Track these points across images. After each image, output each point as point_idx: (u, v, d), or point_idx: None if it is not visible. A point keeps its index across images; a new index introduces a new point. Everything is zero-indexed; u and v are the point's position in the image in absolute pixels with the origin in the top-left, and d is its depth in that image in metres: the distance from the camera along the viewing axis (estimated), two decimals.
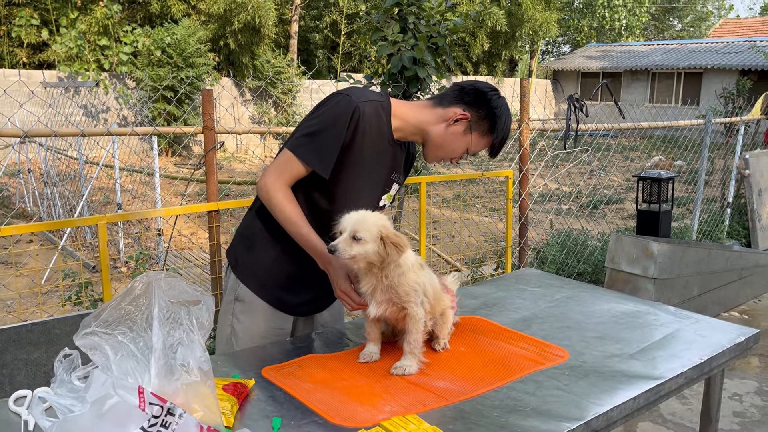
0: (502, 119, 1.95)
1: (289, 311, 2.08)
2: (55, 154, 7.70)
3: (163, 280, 1.40)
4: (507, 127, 1.98)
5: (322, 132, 1.86)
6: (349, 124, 1.85)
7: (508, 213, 4.42)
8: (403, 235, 1.78)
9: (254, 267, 2.04)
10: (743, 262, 5.16)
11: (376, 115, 1.91)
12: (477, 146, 1.98)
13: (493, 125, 1.95)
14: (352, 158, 1.90)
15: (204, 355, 1.37)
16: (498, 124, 1.95)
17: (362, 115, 1.86)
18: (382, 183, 2.04)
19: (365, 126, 1.88)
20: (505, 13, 21.85)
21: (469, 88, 1.96)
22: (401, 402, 1.59)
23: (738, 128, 6.88)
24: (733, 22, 30.56)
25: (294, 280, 2.03)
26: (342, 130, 1.85)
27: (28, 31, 14.65)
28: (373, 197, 2.04)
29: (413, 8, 4.14)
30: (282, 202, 1.89)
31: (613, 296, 2.42)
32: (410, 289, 1.74)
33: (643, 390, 1.66)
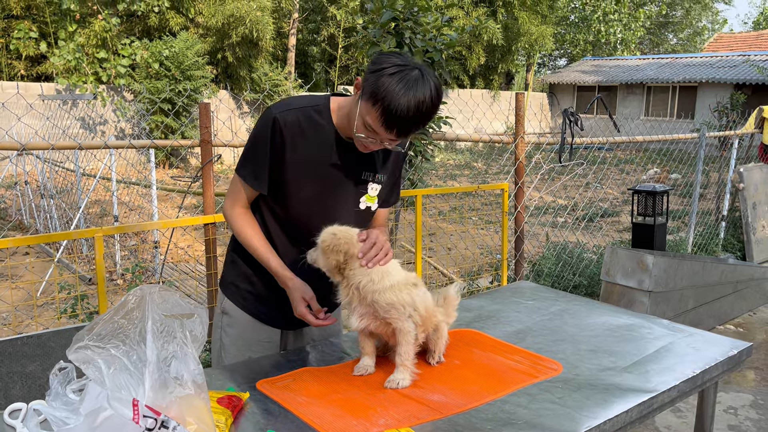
0: (386, 81, 1.66)
1: (273, 324, 2.07)
2: (52, 167, 7.71)
3: (156, 294, 1.40)
4: (394, 94, 1.65)
5: (251, 150, 1.89)
6: (272, 137, 1.84)
7: (504, 226, 4.44)
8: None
9: (237, 281, 2.05)
10: (738, 276, 5.18)
11: (306, 120, 1.85)
12: (368, 118, 1.71)
13: (375, 89, 1.67)
14: (293, 168, 1.87)
15: (198, 368, 1.38)
16: (380, 87, 1.66)
17: (284, 125, 1.83)
18: (350, 185, 1.95)
19: (291, 135, 1.84)
20: (501, 27, 22.01)
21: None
22: (395, 415, 1.60)
23: (732, 142, 6.92)
24: (727, 37, 30.80)
25: (274, 294, 2.01)
26: (265, 146, 1.85)
27: (26, 43, 14.70)
28: (345, 202, 1.96)
29: (409, 23, 4.18)
30: (240, 227, 1.94)
31: (608, 309, 2.43)
32: (389, 306, 1.74)
33: (636, 403, 1.66)
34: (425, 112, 1.69)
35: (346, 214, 1.96)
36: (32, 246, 6.97)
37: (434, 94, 1.69)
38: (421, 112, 1.68)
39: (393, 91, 1.65)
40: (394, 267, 1.81)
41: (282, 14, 20.83)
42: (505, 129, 22.40)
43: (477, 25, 18.81)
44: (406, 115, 1.67)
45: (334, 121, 1.87)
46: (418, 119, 1.70)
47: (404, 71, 1.67)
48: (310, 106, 1.87)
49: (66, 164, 7.74)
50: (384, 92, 1.65)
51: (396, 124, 1.69)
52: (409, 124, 1.70)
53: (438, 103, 1.73)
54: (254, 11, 16.71)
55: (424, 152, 4.39)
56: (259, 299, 2.04)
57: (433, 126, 4.40)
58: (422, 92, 1.66)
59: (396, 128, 1.70)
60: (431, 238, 7.71)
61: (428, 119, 1.73)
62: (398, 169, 2.09)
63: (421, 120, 1.71)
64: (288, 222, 1.96)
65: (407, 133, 1.74)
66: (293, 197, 1.91)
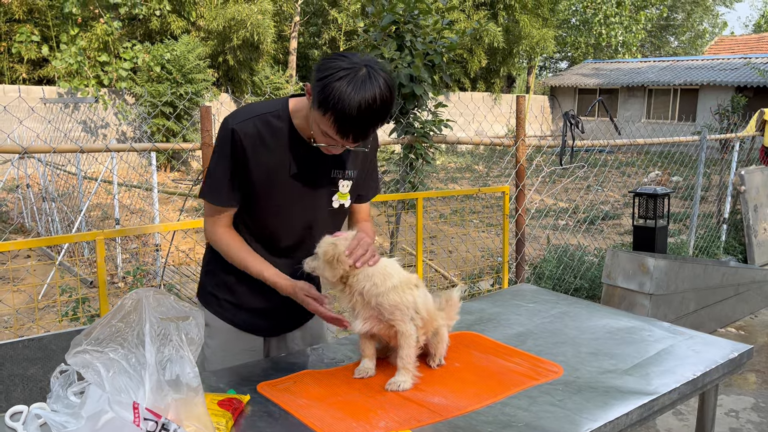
0: (334, 87, 1.60)
1: (256, 332, 2.05)
2: (53, 170, 7.73)
3: (152, 297, 1.41)
4: (343, 99, 1.59)
5: (214, 167, 1.86)
6: (232, 151, 1.80)
7: (504, 229, 4.44)
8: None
9: (216, 291, 2.03)
10: (739, 278, 5.18)
11: (265, 127, 1.81)
12: (322, 126, 1.68)
13: (324, 97, 1.62)
14: (259, 178, 1.84)
15: (193, 370, 1.38)
16: (328, 94, 1.61)
17: (243, 136, 1.79)
18: (320, 186, 1.91)
19: (251, 145, 1.80)
20: (503, 30, 22.03)
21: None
22: (396, 418, 1.60)
23: (733, 144, 6.92)
24: (728, 39, 30.82)
25: (255, 302, 2.00)
26: (227, 160, 1.82)
27: (28, 47, 14.74)
28: (317, 203, 1.93)
29: (410, 26, 4.19)
30: (226, 246, 1.91)
31: (608, 312, 2.43)
32: (393, 308, 1.74)
33: (636, 405, 1.66)
34: (378, 110, 1.64)
35: (320, 214, 1.94)
36: (34, 249, 6.98)
37: (384, 90, 1.63)
38: (374, 111, 1.63)
39: (342, 96, 1.59)
40: (394, 268, 1.81)
41: (283, 17, 20.87)
42: (506, 132, 22.42)
43: (478, 28, 18.82)
44: (359, 118, 1.62)
45: (294, 123, 1.83)
46: (372, 120, 1.65)
47: (350, 73, 1.61)
48: (268, 112, 1.83)
49: (67, 167, 7.75)
50: (333, 99, 1.60)
51: (350, 129, 1.65)
52: (364, 127, 1.66)
53: (391, 97, 1.67)
54: (255, 14, 16.74)
55: (425, 155, 4.40)
56: (240, 308, 2.01)
57: (434, 129, 4.41)
58: (371, 91, 1.61)
59: (351, 133, 1.66)
60: (432, 241, 7.71)
61: (384, 116, 1.68)
62: (369, 161, 2.03)
63: (375, 119, 1.66)
64: (263, 231, 1.94)
65: (364, 135, 1.69)
66: (264, 207, 1.89)
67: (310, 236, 1.94)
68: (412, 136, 4.34)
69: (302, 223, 1.93)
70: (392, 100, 1.68)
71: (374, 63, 1.67)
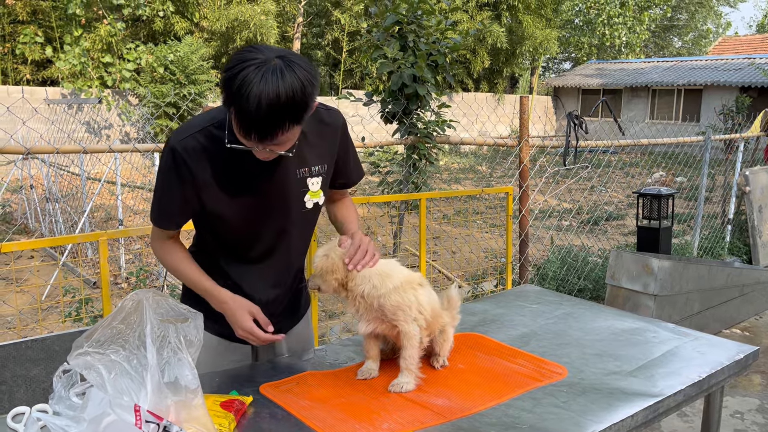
0: (236, 79, 1.46)
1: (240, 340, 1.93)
2: (57, 171, 7.74)
3: (152, 298, 1.41)
4: (242, 91, 1.45)
5: (159, 189, 1.75)
6: (176, 171, 1.68)
7: (508, 229, 4.43)
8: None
9: (195, 302, 1.85)
10: (744, 279, 5.15)
11: (207, 140, 1.68)
12: (233, 124, 1.55)
13: (227, 92, 1.49)
14: (211, 195, 1.72)
15: (192, 373, 1.38)
16: (229, 91, 1.48)
17: (185, 152, 1.67)
18: (286, 189, 1.80)
19: (195, 161, 1.67)
20: (506, 31, 22.02)
21: None
22: (399, 419, 1.59)
23: (738, 145, 6.90)
24: (732, 40, 30.75)
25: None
26: (171, 181, 1.70)
27: (32, 48, 14.78)
28: (287, 208, 1.82)
29: (413, 26, 4.18)
30: (168, 263, 1.84)
31: (613, 313, 2.42)
32: (395, 308, 1.73)
33: (641, 407, 1.65)
34: (282, 108, 1.46)
35: (294, 219, 1.85)
36: (37, 250, 6.99)
37: (293, 86, 1.46)
38: (276, 108, 1.46)
39: (241, 90, 1.45)
40: (394, 267, 1.80)
41: (286, 18, 20.89)
42: (510, 132, 22.40)
43: (481, 29, 18.81)
44: (259, 115, 1.46)
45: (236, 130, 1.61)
46: (275, 118, 1.48)
47: (257, 65, 1.46)
48: (210, 124, 1.69)
49: (71, 168, 7.76)
50: (234, 93, 1.46)
51: (251, 127, 1.49)
52: (265, 126, 1.49)
53: (303, 95, 1.49)
54: (258, 15, 16.76)
55: (428, 156, 4.39)
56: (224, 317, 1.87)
57: (438, 129, 4.40)
58: (274, 85, 1.44)
59: (252, 132, 1.50)
60: (435, 242, 7.70)
61: (293, 116, 1.50)
62: (341, 148, 1.90)
63: (278, 118, 1.48)
64: (237, 250, 1.84)
65: (268, 135, 1.51)
66: (228, 224, 1.77)
67: (285, 239, 1.87)
68: (416, 137, 4.33)
69: (274, 229, 1.83)
70: (305, 99, 1.50)
71: (291, 56, 1.51)
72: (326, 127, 1.84)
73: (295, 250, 1.93)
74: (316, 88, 1.54)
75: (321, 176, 1.86)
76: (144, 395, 1.22)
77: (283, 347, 2.04)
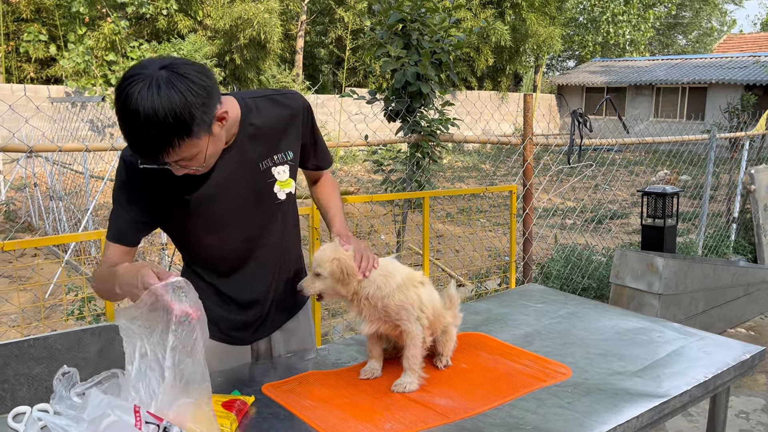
0: (120, 101, 1.41)
1: (242, 341, 1.92)
2: (60, 169, 7.74)
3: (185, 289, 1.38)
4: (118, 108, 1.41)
5: (115, 203, 1.69)
6: (128, 182, 1.64)
7: (512, 228, 4.41)
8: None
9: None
10: (749, 278, 5.13)
11: None
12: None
13: (116, 111, 1.45)
14: (172, 204, 1.67)
15: (204, 372, 1.37)
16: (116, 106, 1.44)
17: (132, 166, 1.61)
18: (253, 184, 1.75)
19: (147, 171, 1.60)
20: (510, 29, 21.97)
21: None
22: (402, 420, 1.58)
23: (743, 143, 6.86)
24: (737, 38, 30.63)
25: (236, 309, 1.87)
26: (127, 194, 1.65)
27: (36, 46, 14.80)
28: (258, 204, 1.78)
29: (417, 24, 4.16)
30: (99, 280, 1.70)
31: (617, 313, 2.40)
32: (399, 308, 1.72)
33: (647, 408, 1.63)
34: (161, 123, 1.39)
35: (268, 213, 1.80)
36: (40, 248, 6.99)
37: (169, 98, 1.39)
38: (154, 126, 1.39)
39: (118, 107, 1.42)
40: (395, 266, 1.79)
41: (290, 16, 20.89)
42: (513, 130, 22.35)
43: (485, 26, 18.77)
44: (137, 135, 1.42)
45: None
46: (156, 135, 1.41)
47: (133, 84, 1.40)
48: None
49: (74, 166, 7.77)
50: (117, 114, 1.44)
51: (132, 143, 1.45)
52: (147, 145, 1.43)
53: (181, 103, 1.40)
54: (262, 13, 16.76)
55: (431, 154, 4.38)
56: (222, 320, 1.85)
57: (441, 128, 4.38)
58: (149, 102, 1.38)
59: (136, 149, 1.46)
60: (438, 240, 7.69)
61: (174, 130, 1.42)
62: (308, 133, 1.85)
63: (161, 135, 1.41)
64: (214, 257, 1.79)
65: (148, 154, 1.46)
66: (198, 231, 1.74)
67: (266, 236, 1.83)
68: (419, 135, 4.32)
69: (250, 228, 1.79)
70: (187, 111, 1.41)
71: (177, 66, 1.44)
72: (284, 111, 1.77)
73: (282, 244, 1.89)
74: (206, 96, 1.45)
75: (287, 164, 1.80)
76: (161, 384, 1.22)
77: (283, 347, 2.01)
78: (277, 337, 1.99)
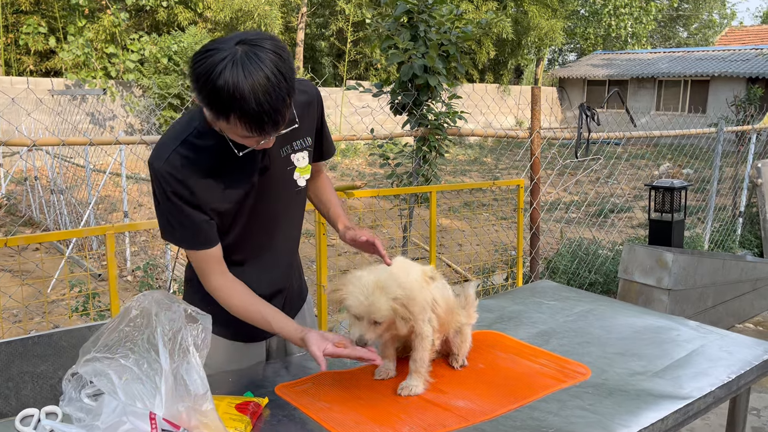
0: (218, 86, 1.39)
1: (256, 338, 1.89)
2: (61, 162, 7.69)
3: (159, 300, 1.36)
4: (234, 94, 1.38)
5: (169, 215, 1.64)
6: (174, 192, 1.60)
7: (519, 222, 4.36)
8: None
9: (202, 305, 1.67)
10: (758, 273, 5.09)
11: (191, 151, 1.60)
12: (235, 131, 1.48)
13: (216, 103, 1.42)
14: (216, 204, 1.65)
15: (201, 376, 1.33)
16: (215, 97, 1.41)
17: (176, 171, 1.58)
18: (277, 174, 1.73)
19: (187, 177, 1.59)
20: (511, 21, 21.85)
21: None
22: (420, 422, 1.53)
23: (750, 136, 6.81)
24: (739, 30, 30.50)
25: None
26: (176, 205, 1.61)
27: (35, 38, 14.70)
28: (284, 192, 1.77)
29: (424, 16, 4.10)
30: (226, 299, 1.70)
31: (633, 310, 2.36)
32: (418, 307, 1.68)
33: (671, 411, 1.59)
34: (279, 84, 1.41)
35: (290, 202, 1.80)
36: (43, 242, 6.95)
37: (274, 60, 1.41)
38: (275, 87, 1.40)
39: (232, 93, 1.38)
40: (409, 264, 1.76)
41: (290, 8, 20.76)
42: (515, 123, 22.26)
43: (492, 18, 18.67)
44: (263, 104, 1.40)
45: (218, 129, 1.57)
46: (278, 98, 1.42)
47: (227, 62, 1.38)
48: (188, 134, 1.61)
49: (75, 159, 7.71)
50: (225, 100, 1.40)
51: (262, 121, 1.43)
52: (274, 111, 1.43)
53: (284, 63, 1.43)
54: (262, 5, 16.65)
55: (438, 147, 4.32)
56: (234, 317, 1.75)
57: (448, 121, 4.33)
58: (259, 70, 1.38)
59: (266, 125, 1.44)
60: (441, 234, 7.64)
61: (290, 87, 1.44)
62: (319, 119, 1.83)
63: (281, 96, 1.42)
64: (246, 251, 1.77)
65: (279, 119, 1.46)
66: (235, 227, 1.72)
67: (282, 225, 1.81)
68: (426, 128, 4.26)
69: (277, 222, 1.78)
70: (288, 66, 1.44)
71: (247, 36, 1.44)
72: (301, 97, 1.74)
73: (296, 234, 1.88)
74: (286, 49, 1.47)
75: (306, 150, 1.78)
76: (159, 401, 1.16)
77: (292, 348, 1.99)
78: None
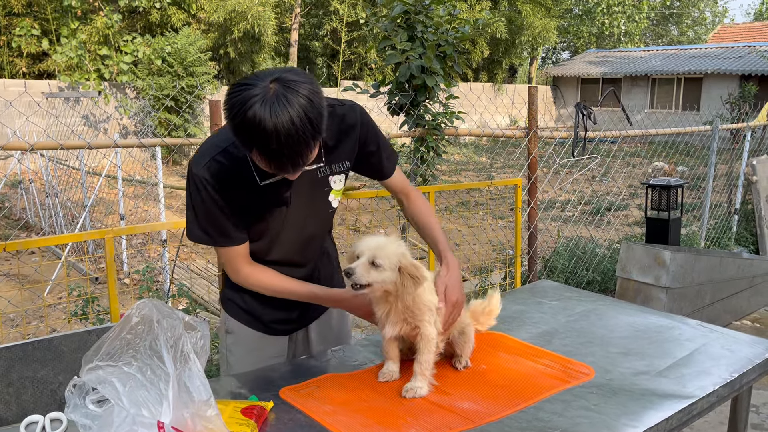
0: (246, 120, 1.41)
1: (283, 332, 1.98)
2: (56, 164, 7.66)
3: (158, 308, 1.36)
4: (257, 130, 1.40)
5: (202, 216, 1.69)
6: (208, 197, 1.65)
7: (517, 222, 4.37)
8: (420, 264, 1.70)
9: (235, 297, 1.94)
10: (754, 270, 5.11)
11: (228, 160, 1.65)
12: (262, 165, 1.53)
13: (242, 135, 1.45)
14: (247, 214, 1.72)
15: (203, 382, 1.33)
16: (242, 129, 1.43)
17: (213, 178, 1.64)
18: (312, 193, 1.78)
19: (222, 185, 1.65)
20: (505, 21, 21.88)
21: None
22: (425, 425, 1.53)
23: (745, 134, 6.84)
24: (731, 28, 30.60)
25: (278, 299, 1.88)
26: (211, 207, 1.67)
27: (28, 41, 14.63)
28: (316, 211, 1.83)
29: (421, 16, 4.10)
30: (261, 283, 1.81)
31: (634, 309, 2.37)
32: (425, 308, 1.70)
33: (675, 410, 1.60)
34: (303, 129, 1.41)
35: (321, 220, 1.87)
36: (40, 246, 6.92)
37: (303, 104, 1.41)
38: (298, 131, 1.41)
39: (256, 129, 1.39)
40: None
41: (284, 9, 20.73)
42: (509, 122, 22.29)
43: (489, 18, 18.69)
44: (284, 145, 1.41)
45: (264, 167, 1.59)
46: (299, 142, 1.43)
47: (258, 99, 1.39)
48: (229, 144, 1.64)
49: (70, 162, 7.68)
50: (250, 134, 1.42)
51: (282, 160, 1.45)
52: (294, 153, 1.44)
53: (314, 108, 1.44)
54: (256, 6, 16.62)
55: (436, 148, 4.32)
56: (263, 310, 1.92)
57: (446, 121, 4.33)
58: (285, 112, 1.39)
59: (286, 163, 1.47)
60: None
61: (314, 132, 1.45)
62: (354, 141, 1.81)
63: (303, 140, 1.43)
64: (263, 260, 1.83)
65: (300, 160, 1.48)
66: (265, 239, 1.79)
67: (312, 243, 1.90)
68: (423, 129, 4.26)
69: (307, 238, 1.86)
70: (317, 111, 1.45)
71: (285, 73, 1.45)
72: (343, 122, 1.77)
73: (319, 251, 1.96)
74: (321, 93, 1.48)
75: (343, 173, 1.84)
76: (166, 407, 1.16)
77: (316, 342, 2.04)
78: (314, 327, 2.04)
